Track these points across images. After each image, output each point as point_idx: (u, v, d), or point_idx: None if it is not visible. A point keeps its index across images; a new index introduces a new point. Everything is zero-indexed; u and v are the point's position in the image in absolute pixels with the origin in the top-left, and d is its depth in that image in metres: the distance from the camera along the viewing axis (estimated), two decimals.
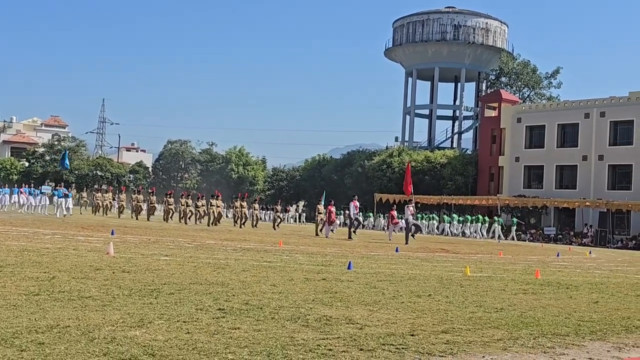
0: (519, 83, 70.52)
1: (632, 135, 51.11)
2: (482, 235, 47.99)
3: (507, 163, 58.54)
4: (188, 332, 5.56)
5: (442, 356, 5.36)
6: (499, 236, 45.14)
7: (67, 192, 34.98)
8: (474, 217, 49.76)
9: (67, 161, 41.54)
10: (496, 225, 46.04)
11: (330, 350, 5.22)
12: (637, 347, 6.42)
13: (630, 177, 51.16)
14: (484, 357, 5.47)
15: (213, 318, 6.31)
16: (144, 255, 12.69)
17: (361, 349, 5.35)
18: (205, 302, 7.28)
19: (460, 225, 50.44)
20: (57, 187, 36.06)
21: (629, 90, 62.74)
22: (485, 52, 74.93)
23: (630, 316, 8.48)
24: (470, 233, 48.90)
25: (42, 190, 40.56)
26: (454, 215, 51.36)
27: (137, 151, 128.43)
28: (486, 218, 49.19)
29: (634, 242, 46.28)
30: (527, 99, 69.90)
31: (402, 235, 30.13)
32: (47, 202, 38.71)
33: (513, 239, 46.89)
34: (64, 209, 33.87)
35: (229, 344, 5.23)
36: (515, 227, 47.84)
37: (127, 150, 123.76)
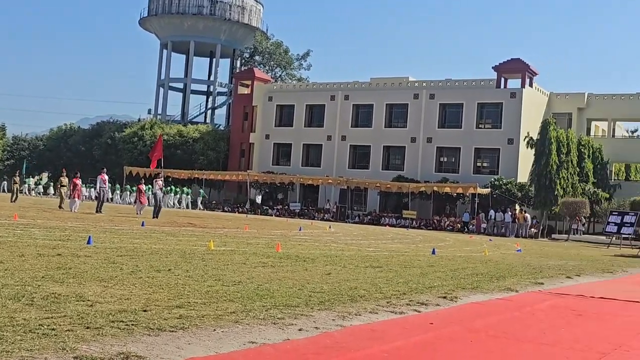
0: (272, 63, 72.54)
1: (371, 118, 54.95)
2: (174, 205, 51.72)
3: (257, 140, 59.98)
4: None
5: (172, 331, 5.33)
6: (187, 206, 51.43)
7: None
8: (167, 188, 51.65)
9: None
10: (184, 195, 52.17)
11: (53, 329, 4.95)
12: (359, 315, 6.92)
13: (368, 157, 55.03)
14: (214, 330, 5.54)
15: None
16: None
17: (88, 327, 5.14)
18: None
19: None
20: None
21: (370, 76, 67.21)
22: (240, 29, 75.71)
23: (357, 286, 9.12)
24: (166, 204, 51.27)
25: None
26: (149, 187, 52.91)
27: None
28: (177, 189, 52.92)
29: (369, 217, 50.00)
30: (279, 78, 72.10)
31: (151, 210, 29.63)
32: None
33: (199, 208, 51.97)
34: None
35: None
36: (201, 199, 53.98)
37: None
